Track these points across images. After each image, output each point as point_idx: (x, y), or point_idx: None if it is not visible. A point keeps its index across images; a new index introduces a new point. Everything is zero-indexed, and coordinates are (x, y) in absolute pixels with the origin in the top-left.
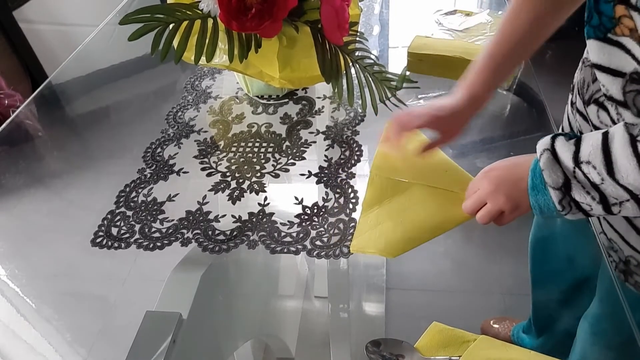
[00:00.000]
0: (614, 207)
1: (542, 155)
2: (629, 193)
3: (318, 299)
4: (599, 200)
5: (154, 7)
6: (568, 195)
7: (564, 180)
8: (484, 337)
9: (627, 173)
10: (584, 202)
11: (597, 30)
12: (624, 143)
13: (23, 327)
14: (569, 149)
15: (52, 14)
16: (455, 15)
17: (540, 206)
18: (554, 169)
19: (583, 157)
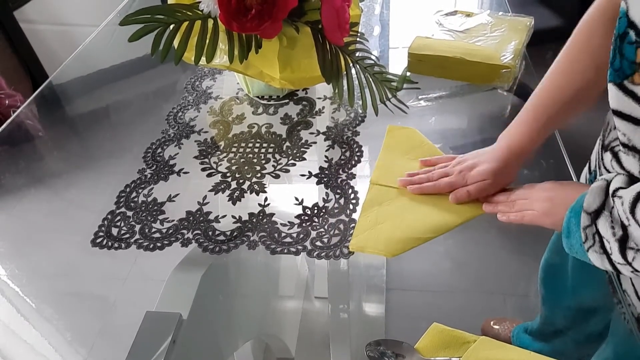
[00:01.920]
0: (630, 251)
1: (597, 180)
2: None
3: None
4: (617, 238)
5: (154, 8)
6: (594, 225)
7: (598, 207)
8: (484, 338)
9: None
10: (605, 236)
11: (616, 75)
12: None
13: (23, 327)
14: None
15: (53, 14)
16: (456, 16)
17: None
18: (597, 195)
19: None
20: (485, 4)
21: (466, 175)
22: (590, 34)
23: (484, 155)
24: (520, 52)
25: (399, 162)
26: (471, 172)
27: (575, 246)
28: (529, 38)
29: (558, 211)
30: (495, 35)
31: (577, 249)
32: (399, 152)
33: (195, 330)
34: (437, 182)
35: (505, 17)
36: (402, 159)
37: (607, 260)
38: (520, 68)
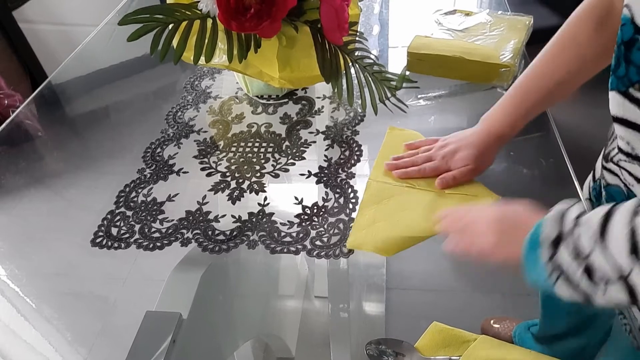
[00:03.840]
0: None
1: (553, 208)
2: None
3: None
4: (582, 271)
5: (153, 8)
6: (556, 256)
7: (556, 236)
8: (484, 337)
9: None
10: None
11: (620, 82)
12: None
13: (23, 327)
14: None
15: (52, 14)
16: (455, 15)
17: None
18: (554, 224)
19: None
20: (485, 3)
21: (449, 160)
22: (578, 28)
23: (466, 139)
24: (519, 51)
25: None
26: (454, 157)
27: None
28: (528, 37)
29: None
30: (495, 34)
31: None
32: (399, 151)
33: (195, 330)
34: (422, 167)
35: (505, 16)
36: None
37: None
38: (519, 67)
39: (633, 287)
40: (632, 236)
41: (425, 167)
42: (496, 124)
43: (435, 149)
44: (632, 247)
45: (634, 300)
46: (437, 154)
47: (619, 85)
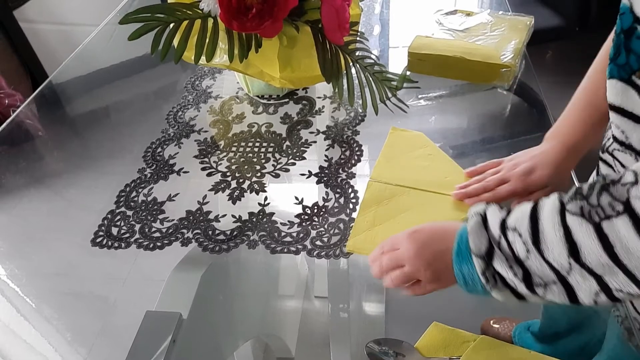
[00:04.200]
0: (538, 288)
1: (471, 218)
2: (556, 273)
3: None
4: (521, 278)
5: (154, 7)
6: (491, 266)
7: (487, 248)
8: (484, 337)
9: (552, 245)
10: (507, 277)
11: (622, 70)
12: (552, 210)
13: (23, 327)
14: (499, 214)
15: (53, 14)
16: (456, 15)
17: (464, 276)
18: (479, 234)
19: (510, 223)
20: (485, 3)
21: (526, 180)
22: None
23: (539, 157)
24: (520, 52)
25: (400, 160)
26: (531, 176)
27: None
28: (529, 37)
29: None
30: (495, 34)
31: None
32: (401, 151)
33: (195, 330)
34: (497, 191)
35: (505, 17)
36: (403, 158)
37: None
38: (520, 67)
39: (572, 287)
40: (567, 238)
41: (502, 192)
42: (570, 137)
43: (506, 169)
44: (570, 248)
45: (573, 299)
46: (511, 175)
47: (621, 73)
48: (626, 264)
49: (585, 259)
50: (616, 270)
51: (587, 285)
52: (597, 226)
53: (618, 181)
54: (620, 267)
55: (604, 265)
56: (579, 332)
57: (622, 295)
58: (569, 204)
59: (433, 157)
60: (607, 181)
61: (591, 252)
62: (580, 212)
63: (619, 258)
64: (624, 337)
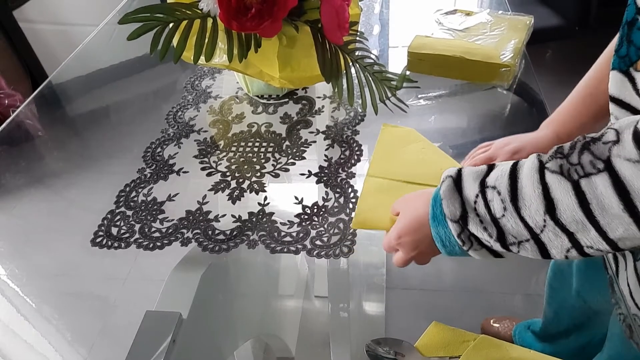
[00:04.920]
0: (512, 246)
1: (443, 182)
2: (529, 231)
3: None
4: (496, 238)
5: (154, 7)
6: (466, 229)
7: (461, 212)
8: (484, 336)
9: (530, 202)
10: (482, 238)
11: (622, 61)
12: (532, 168)
13: (23, 327)
14: (477, 174)
15: (52, 14)
16: (456, 15)
17: (442, 239)
18: (452, 199)
19: (490, 182)
20: (485, 2)
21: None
22: None
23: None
24: (519, 51)
25: (394, 155)
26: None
27: (454, 252)
28: (528, 37)
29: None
30: (495, 34)
31: (457, 253)
32: (394, 146)
33: (195, 329)
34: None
35: (505, 16)
36: (397, 153)
37: (490, 253)
38: (519, 67)
39: (544, 244)
40: (545, 195)
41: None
42: (563, 126)
43: (494, 148)
44: (547, 205)
45: (545, 255)
46: (498, 153)
47: (621, 65)
48: (599, 221)
49: (560, 216)
50: (589, 227)
51: (559, 242)
52: (575, 183)
53: (599, 139)
54: (594, 225)
55: (577, 222)
56: (580, 332)
57: (592, 252)
58: (548, 162)
59: (426, 150)
60: (587, 139)
61: (567, 209)
62: (560, 170)
63: (594, 215)
64: (626, 334)
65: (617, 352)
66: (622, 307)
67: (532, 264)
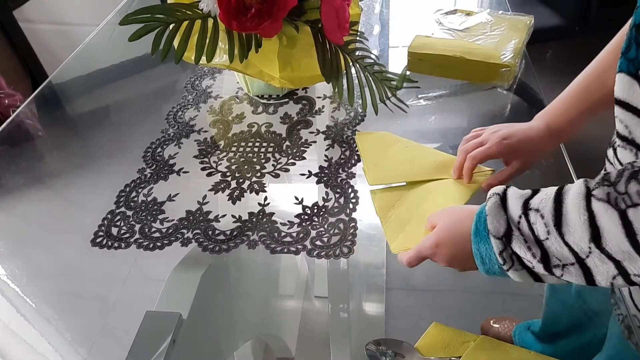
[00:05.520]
0: (556, 269)
1: (490, 199)
2: (574, 255)
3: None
4: (539, 259)
5: (154, 7)
6: (509, 247)
7: (505, 229)
8: (484, 337)
9: (574, 228)
10: (524, 258)
11: (631, 64)
12: (578, 195)
13: (23, 327)
14: (521, 195)
15: (52, 14)
16: (456, 15)
17: (482, 256)
18: (498, 216)
19: (533, 204)
20: (485, 2)
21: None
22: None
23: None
24: (520, 51)
25: (384, 159)
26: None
27: (493, 270)
28: (528, 37)
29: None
30: (495, 34)
31: (496, 272)
32: (377, 152)
33: (195, 330)
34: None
35: (505, 16)
36: (385, 156)
37: (530, 275)
38: (520, 67)
39: (590, 269)
40: (591, 222)
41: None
42: (555, 119)
43: (486, 133)
44: (593, 233)
45: (590, 281)
46: (488, 138)
47: (630, 68)
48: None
49: (606, 245)
50: (636, 257)
51: (604, 269)
52: (622, 213)
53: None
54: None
55: (624, 252)
56: (579, 333)
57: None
58: (595, 189)
59: (410, 149)
60: (635, 168)
61: (613, 238)
62: (607, 198)
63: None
64: (624, 335)
65: (616, 352)
66: (621, 307)
67: None
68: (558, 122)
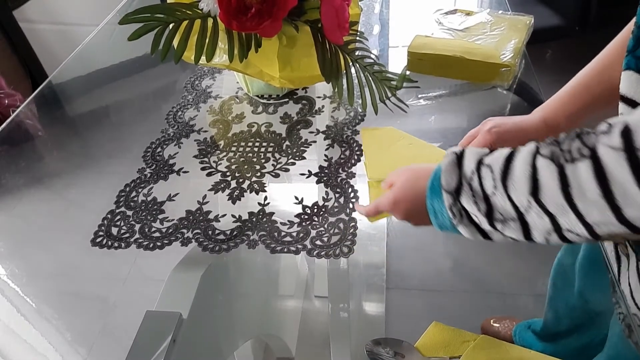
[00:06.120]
0: (497, 223)
1: (446, 157)
2: (516, 210)
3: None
4: (484, 213)
5: (154, 7)
6: (458, 202)
7: (456, 184)
8: (484, 336)
9: (518, 182)
10: (471, 212)
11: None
12: (527, 153)
13: (23, 327)
14: (478, 152)
15: (52, 14)
16: (456, 15)
17: (435, 210)
18: (452, 172)
19: (487, 161)
20: (485, 2)
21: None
22: None
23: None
24: (520, 51)
25: (387, 155)
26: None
27: (444, 224)
28: (528, 37)
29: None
30: (495, 34)
31: (447, 226)
32: (382, 147)
33: (195, 329)
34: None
35: (505, 16)
36: (389, 152)
37: (478, 231)
38: (520, 67)
39: (529, 224)
40: (532, 177)
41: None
42: (552, 113)
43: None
44: (532, 186)
45: (527, 237)
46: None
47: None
48: (578, 206)
49: (542, 198)
50: (568, 210)
51: (541, 224)
52: (561, 168)
53: (593, 131)
54: (572, 209)
55: (558, 205)
56: (581, 332)
57: (572, 236)
58: (543, 148)
59: (414, 145)
60: (582, 131)
61: (549, 191)
62: (551, 155)
63: (573, 200)
64: (625, 334)
65: (616, 351)
66: (622, 306)
67: (533, 263)
68: (555, 117)
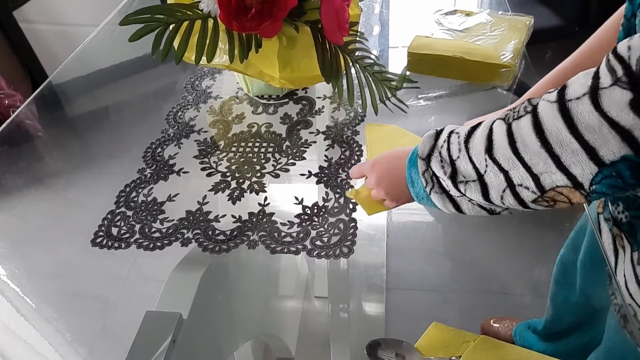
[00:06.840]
0: (460, 184)
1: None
2: (476, 172)
3: (318, 299)
4: (449, 175)
5: (154, 8)
6: (430, 168)
7: (429, 151)
8: (484, 337)
9: (477, 143)
10: (439, 175)
11: None
12: (490, 120)
13: (23, 327)
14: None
15: (52, 14)
16: (455, 15)
17: (412, 179)
18: (428, 142)
19: (458, 129)
20: (485, 3)
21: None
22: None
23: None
24: (519, 51)
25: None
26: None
27: (420, 193)
28: (528, 37)
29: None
30: (495, 34)
31: (422, 196)
32: (384, 144)
33: (195, 329)
34: None
35: (505, 16)
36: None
37: (447, 198)
38: (519, 67)
39: (487, 184)
40: (488, 137)
41: None
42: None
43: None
44: (488, 145)
45: (486, 197)
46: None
47: None
48: (525, 158)
49: (495, 154)
50: (517, 164)
51: (497, 182)
52: (509, 125)
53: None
54: (521, 162)
55: (508, 159)
56: (582, 331)
57: (523, 190)
58: (505, 115)
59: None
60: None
61: (500, 147)
62: (505, 116)
63: (519, 152)
64: (620, 324)
65: (613, 343)
66: (617, 297)
67: (533, 263)
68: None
